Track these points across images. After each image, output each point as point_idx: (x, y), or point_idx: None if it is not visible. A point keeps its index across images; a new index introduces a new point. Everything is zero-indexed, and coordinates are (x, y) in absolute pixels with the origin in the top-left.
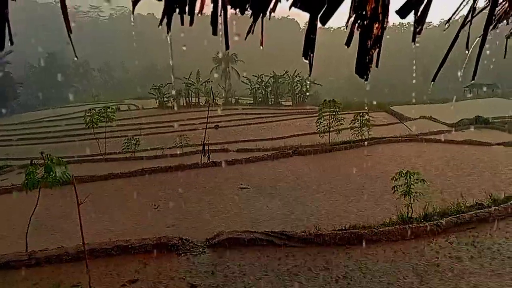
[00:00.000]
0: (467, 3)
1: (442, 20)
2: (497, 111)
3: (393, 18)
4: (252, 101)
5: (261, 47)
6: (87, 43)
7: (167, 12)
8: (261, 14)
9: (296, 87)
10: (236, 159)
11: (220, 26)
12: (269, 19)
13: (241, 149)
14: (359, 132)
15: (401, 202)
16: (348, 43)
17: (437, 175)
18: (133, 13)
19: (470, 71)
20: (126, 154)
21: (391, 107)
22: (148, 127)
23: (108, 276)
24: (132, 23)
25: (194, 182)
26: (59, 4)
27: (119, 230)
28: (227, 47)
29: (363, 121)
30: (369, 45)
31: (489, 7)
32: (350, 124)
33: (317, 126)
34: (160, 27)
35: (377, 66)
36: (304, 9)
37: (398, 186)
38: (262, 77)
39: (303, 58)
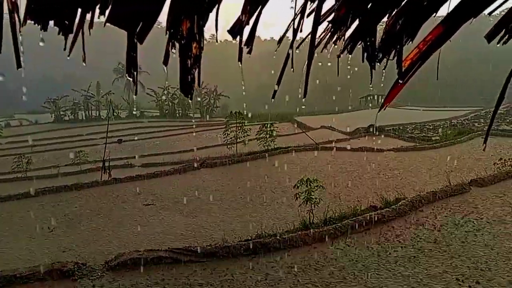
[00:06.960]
0: (291, 27)
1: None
2: (388, 119)
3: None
4: (158, 114)
5: (84, 64)
6: None
7: None
8: (80, 30)
9: (204, 99)
10: (140, 175)
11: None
12: (90, 34)
13: (146, 164)
14: (265, 143)
15: (303, 209)
16: (165, 62)
17: (336, 181)
18: None
19: (373, 85)
20: (16, 174)
21: (294, 118)
22: (42, 144)
23: None
24: None
25: (93, 201)
26: None
27: (8, 258)
28: (19, 65)
29: (268, 132)
30: (189, 65)
31: (311, 31)
32: (256, 135)
33: (224, 137)
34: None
35: (199, 85)
36: (120, 26)
37: (299, 193)
38: (169, 89)
39: (127, 76)
